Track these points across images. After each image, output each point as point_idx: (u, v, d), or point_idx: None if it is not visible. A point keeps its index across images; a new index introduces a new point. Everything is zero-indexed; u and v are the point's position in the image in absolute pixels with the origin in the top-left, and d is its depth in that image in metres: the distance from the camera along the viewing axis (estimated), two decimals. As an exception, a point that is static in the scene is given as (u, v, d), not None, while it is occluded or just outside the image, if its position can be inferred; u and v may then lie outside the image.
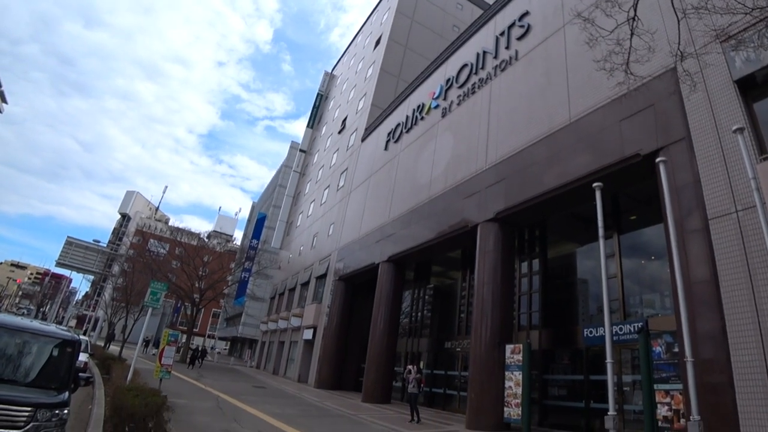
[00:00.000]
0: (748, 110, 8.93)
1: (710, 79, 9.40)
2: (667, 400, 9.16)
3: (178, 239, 40.67)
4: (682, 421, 8.20)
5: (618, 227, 13.26)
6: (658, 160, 8.38)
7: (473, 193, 15.85)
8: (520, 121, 15.03)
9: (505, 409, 12.58)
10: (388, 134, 25.29)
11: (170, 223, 69.74)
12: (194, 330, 39.96)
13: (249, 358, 49.76)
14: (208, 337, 79.10)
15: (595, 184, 9.22)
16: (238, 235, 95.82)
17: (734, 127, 7.26)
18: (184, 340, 38.86)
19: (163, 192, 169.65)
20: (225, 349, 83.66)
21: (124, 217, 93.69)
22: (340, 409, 15.75)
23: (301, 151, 48.65)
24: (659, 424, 9.18)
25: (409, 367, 14.54)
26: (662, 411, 9.19)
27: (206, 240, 51.78)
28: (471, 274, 17.29)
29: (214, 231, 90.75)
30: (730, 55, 9.13)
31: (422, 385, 14.99)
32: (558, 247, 16.32)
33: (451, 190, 17.32)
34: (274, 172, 79.17)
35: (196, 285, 36.70)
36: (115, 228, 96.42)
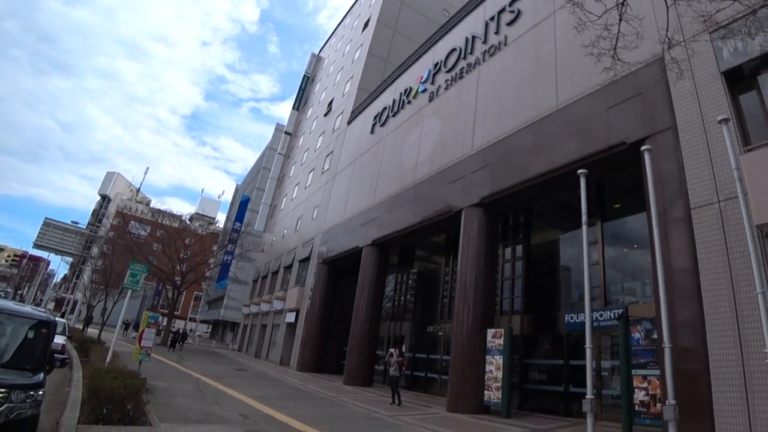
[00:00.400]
0: (734, 102, 8.99)
1: (698, 69, 9.43)
2: (645, 385, 9.33)
3: (160, 221, 39.96)
4: (659, 405, 8.36)
5: (602, 215, 13.37)
6: (643, 148, 8.39)
7: (458, 179, 15.82)
8: (508, 107, 14.97)
9: (486, 392, 12.72)
10: (375, 118, 25.08)
11: (152, 205, 68.67)
12: (175, 313, 39.61)
13: (231, 341, 49.59)
14: (190, 320, 78.57)
15: (579, 171, 9.21)
16: (221, 218, 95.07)
17: (719, 118, 7.28)
18: (165, 323, 38.54)
19: (145, 173, 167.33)
20: (206, 332, 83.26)
21: (104, 199, 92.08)
22: (321, 392, 15.77)
23: (286, 133, 48.09)
24: (636, 408, 9.37)
25: (391, 350, 14.59)
26: (639, 396, 9.36)
27: (188, 222, 51.05)
28: (454, 259, 17.34)
29: (197, 213, 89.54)
30: (718, 45, 9.16)
31: (404, 368, 15.07)
32: (542, 233, 16.44)
33: (436, 175, 17.27)
34: (258, 155, 78.27)
35: (178, 267, 36.24)
36: (94, 209, 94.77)
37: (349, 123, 29.60)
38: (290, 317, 28.21)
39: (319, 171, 32.77)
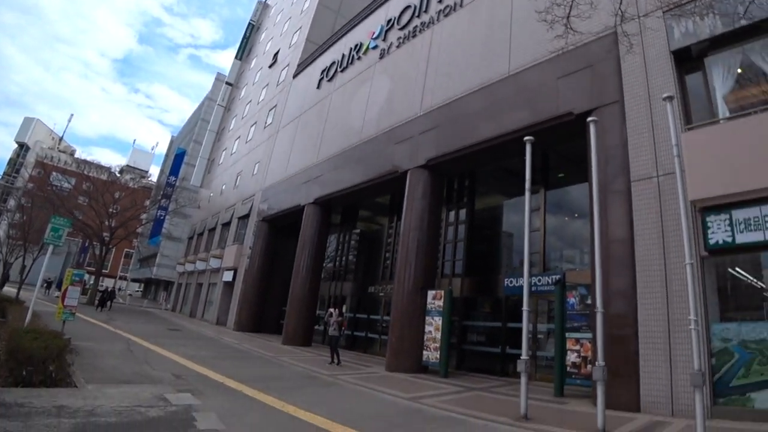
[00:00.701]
0: (681, 81, 9.23)
1: (648, 46, 9.58)
2: (577, 347, 9.75)
3: (86, 173, 37.32)
4: (589, 366, 8.75)
5: (546, 183, 13.62)
6: (589, 119, 8.47)
7: (405, 139, 15.55)
8: (459, 70, 14.72)
9: (425, 352, 12.92)
10: (322, 72, 24.10)
11: (77, 156, 63.84)
12: (104, 271, 37.63)
13: (164, 300, 48.07)
14: (120, 278, 75.42)
15: (526, 138, 9.21)
16: (155, 171, 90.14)
17: (664, 95, 7.43)
18: (92, 282, 36.61)
19: (69, 120, 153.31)
20: (138, 291, 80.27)
21: (22, 147, 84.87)
22: (259, 351, 15.51)
23: (227, 84, 45.57)
24: (568, 369, 9.79)
25: (331, 310, 14.48)
26: (572, 357, 9.79)
27: (118, 175, 48.12)
28: (398, 220, 17.28)
29: (128, 166, 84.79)
30: (670, 24, 9.30)
31: (343, 328, 15.04)
32: (486, 198, 16.62)
33: (383, 134, 16.91)
34: (196, 106, 74.15)
35: (106, 223, 34.24)
36: (11, 159, 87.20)
37: (295, 76, 28.35)
38: (227, 276, 27.46)
39: (261, 125, 31.44)
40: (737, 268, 8.26)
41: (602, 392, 6.76)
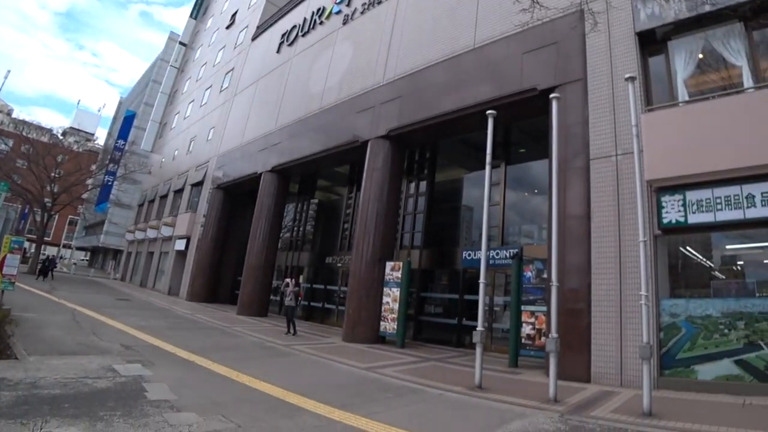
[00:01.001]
0: (644, 62, 9.35)
1: (614, 26, 9.65)
2: (532, 320, 9.98)
3: (25, 134, 34.98)
4: (543, 339, 8.98)
5: (507, 158, 13.70)
6: (552, 96, 8.47)
7: (367, 109, 15.23)
8: (424, 40, 14.43)
9: (382, 323, 12.97)
10: (283, 36, 23.14)
11: (14, 115, 59.66)
12: (46, 239, 35.78)
13: (112, 269, 46.40)
14: (64, 246, 72.09)
15: (488, 112, 9.15)
16: (102, 134, 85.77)
17: (627, 76, 7.52)
18: (33, 250, 34.77)
19: (5, 77, 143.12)
20: (84, 259, 77.07)
21: (-48, 103, 78.48)
22: (213, 322, 15.19)
23: (181, 44, 43.20)
24: (522, 341, 10.04)
25: (287, 280, 14.29)
26: (526, 330, 10.03)
27: (61, 137, 45.40)
28: (357, 191, 17.08)
29: (72, 128, 79.92)
30: (636, 6, 9.36)
31: (300, 298, 14.90)
32: (447, 171, 16.61)
33: (344, 103, 16.50)
34: (147, 66, 70.39)
35: (48, 188, 32.38)
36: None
37: (253, 39, 27.14)
38: (180, 245, 26.63)
39: (217, 89, 30.13)
40: (688, 248, 8.60)
41: (555, 363, 6.94)
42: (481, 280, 8.11)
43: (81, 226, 70.13)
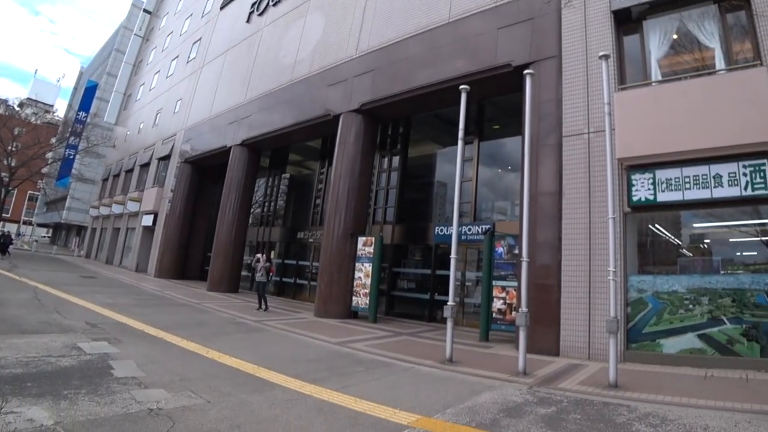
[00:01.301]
0: (618, 41, 9.36)
1: (590, 4, 9.65)
2: (503, 295, 10.13)
3: (-23, 106, 33.27)
4: (514, 313, 9.13)
5: (480, 134, 13.69)
6: (525, 72, 8.41)
7: (339, 82, 14.94)
8: (398, 13, 14.12)
9: (354, 298, 12.99)
10: (253, 5, 22.31)
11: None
12: (4, 215, 34.39)
13: (76, 246, 45.10)
14: (24, 223, 69.57)
15: (461, 87, 9.05)
16: (62, 106, 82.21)
17: (601, 53, 7.49)
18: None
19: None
20: (45, 236, 74.59)
21: None
22: (182, 298, 14.95)
23: (145, 11, 41.20)
24: (494, 315, 10.19)
25: (258, 255, 14.11)
26: (497, 304, 10.17)
27: (17, 108, 43.27)
28: (329, 166, 16.86)
29: (29, 99, 76.29)
30: None
31: (271, 273, 14.75)
32: (420, 146, 16.53)
33: (316, 75, 16.13)
34: (110, 34, 67.25)
35: (5, 162, 30.99)
36: None
37: (222, 7, 26.11)
38: (147, 220, 25.96)
39: (184, 59, 29.06)
40: (657, 225, 8.78)
41: (524, 337, 7.06)
42: (452, 255, 8.14)
43: (42, 202, 67.71)
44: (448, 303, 7.97)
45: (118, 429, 3.83)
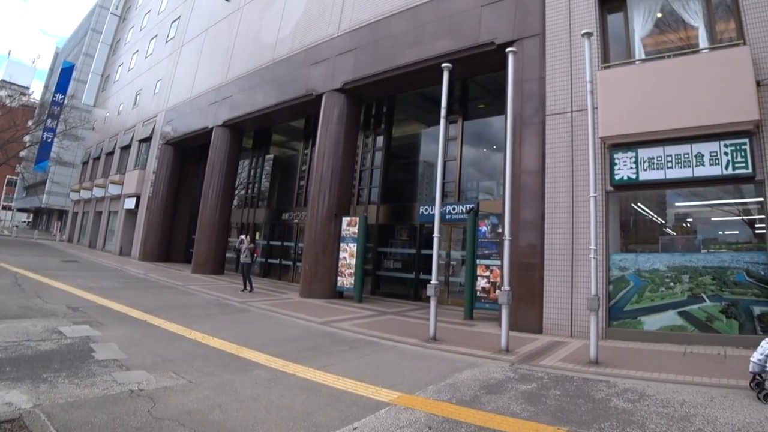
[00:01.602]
0: (602, 19, 9.31)
1: None
2: (487, 274, 10.20)
3: (-52, 88, 32.16)
4: (498, 291, 9.23)
5: (464, 113, 13.63)
6: (508, 50, 8.35)
7: (322, 60, 14.71)
8: (381, -11, 13.87)
9: (339, 278, 13.02)
10: (232, -19, 21.81)
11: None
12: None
13: (58, 231, 44.37)
14: (4, 208, 68.12)
15: (443, 65, 8.96)
16: (38, 88, 79.89)
17: (583, 32, 7.42)
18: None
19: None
20: (26, 222, 73.29)
21: None
22: (166, 281, 14.85)
23: (120, -11, 40.28)
24: (478, 294, 10.28)
25: (242, 236, 14.03)
26: (482, 283, 10.25)
27: (-9, 92, 42.00)
28: (313, 146, 16.70)
29: (3, 81, 74.07)
30: None
31: (256, 255, 14.70)
32: (405, 126, 16.45)
33: (298, 54, 15.85)
34: (86, 13, 65.22)
35: (-20, 147, 30.21)
36: None
37: (200, -16, 25.47)
38: (129, 203, 25.64)
39: (162, 39, 28.36)
40: (640, 204, 8.86)
41: (506, 315, 7.13)
42: (435, 234, 8.16)
43: (20, 187, 66.26)
44: (431, 282, 8.02)
45: (98, 410, 3.81)
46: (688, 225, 8.68)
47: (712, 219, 8.46)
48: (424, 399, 4.66)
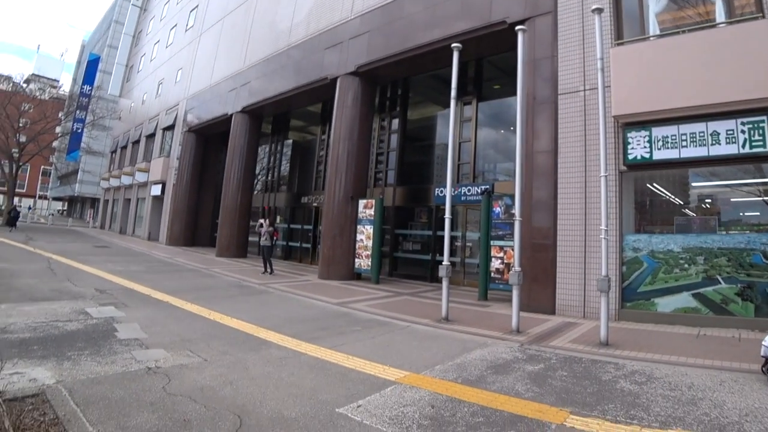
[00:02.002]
0: None
1: None
2: (501, 255, 10.22)
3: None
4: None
5: (479, 94, 13.48)
6: (518, 28, 8.19)
7: (335, 44, 14.72)
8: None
9: (356, 260, 13.20)
10: (247, -33, 21.85)
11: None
12: (20, 190, 34.91)
13: (91, 218, 45.79)
14: (40, 197, 70.63)
15: (453, 45, 8.90)
16: (66, 80, 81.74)
17: (593, 7, 7.22)
18: (2, 203, 33.97)
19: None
20: (61, 210, 75.81)
21: None
22: (191, 264, 15.30)
23: (141, -20, 40.72)
24: (492, 275, 10.31)
25: (261, 220, 14.35)
26: (496, 264, 10.28)
27: (23, 85, 43.23)
28: (330, 130, 16.84)
29: (34, 74, 76.02)
30: None
31: (275, 238, 15.01)
32: (420, 108, 16.38)
33: (312, 39, 15.89)
34: (109, 6, 66.16)
35: (14, 138, 31.22)
36: None
37: (216, -28, 25.59)
38: (156, 190, 26.32)
39: (182, 28, 28.70)
40: (654, 184, 8.70)
41: (517, 295, 7.16)
42: (447, 215, 8.23)
43: (54, 177, 68.52)
44: (443, 263, 8.11)
45: (116, 386, 4.05)
46: (704, 206, 8.48)
47: (730, 200, 8.27)
48: (431, 378, 4.77)
